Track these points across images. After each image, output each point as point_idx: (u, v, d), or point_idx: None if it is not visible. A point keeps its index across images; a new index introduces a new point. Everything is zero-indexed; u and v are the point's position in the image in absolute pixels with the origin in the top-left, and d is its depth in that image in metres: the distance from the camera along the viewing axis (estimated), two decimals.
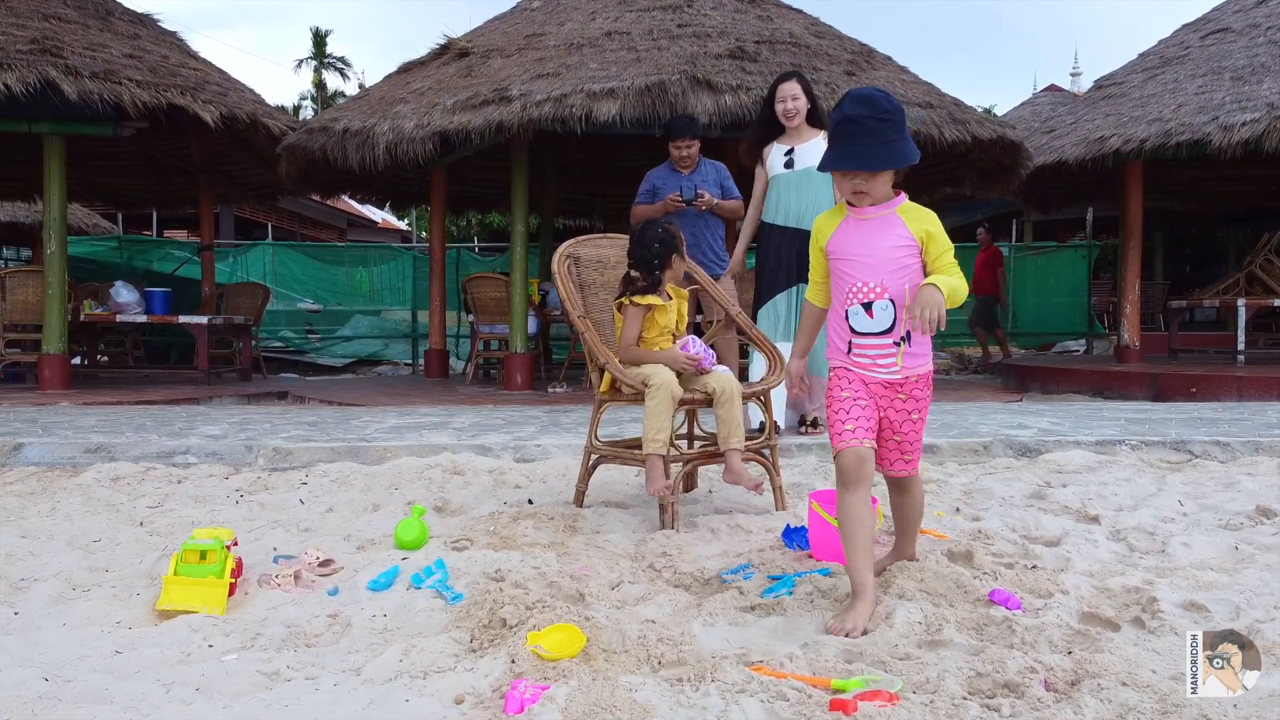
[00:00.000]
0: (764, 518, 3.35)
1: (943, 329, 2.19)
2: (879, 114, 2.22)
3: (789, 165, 4.92)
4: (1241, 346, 9.58)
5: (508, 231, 12.88)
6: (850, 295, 2.36)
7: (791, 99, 4.91)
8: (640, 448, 3.64)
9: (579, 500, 3.55)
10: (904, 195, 2.37)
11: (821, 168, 2.36)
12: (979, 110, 9.65)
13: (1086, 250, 15.34)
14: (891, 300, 2.32)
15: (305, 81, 46.98)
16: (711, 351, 3.44)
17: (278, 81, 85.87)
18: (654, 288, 3.38)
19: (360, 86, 50.27)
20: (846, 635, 2.13)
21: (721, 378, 3.29)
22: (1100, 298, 16.44)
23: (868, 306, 2.33)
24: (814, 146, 4.88)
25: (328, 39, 46.43)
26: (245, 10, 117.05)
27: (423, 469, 4.22)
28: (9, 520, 3.43)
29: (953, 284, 2.23)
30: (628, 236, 4.02)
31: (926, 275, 2.29)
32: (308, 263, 17.29)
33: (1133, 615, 2.31)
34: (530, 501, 3.64)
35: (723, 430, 3.26)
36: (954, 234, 19.06)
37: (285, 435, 4.86)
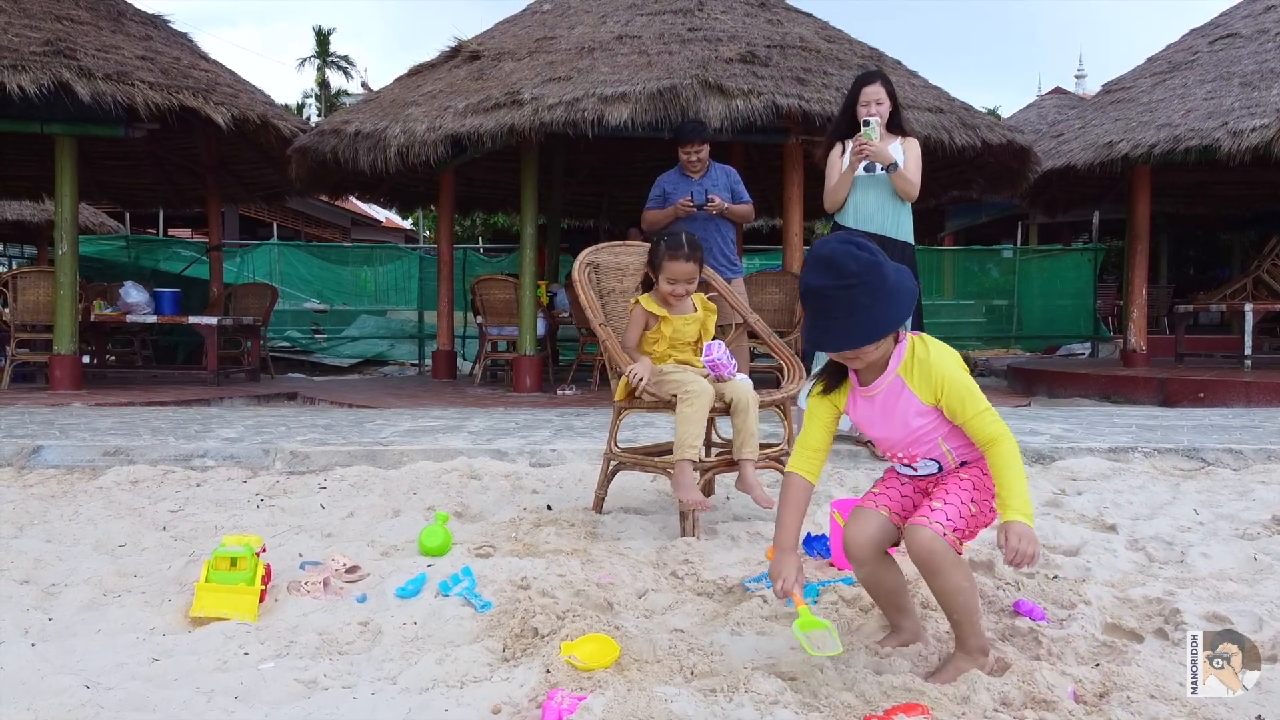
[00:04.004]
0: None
1: (1035, 560, 1.91)
2: (845, 280, 1.87)
3: (869, 169, 4.56)
4: (1248, 351, 9.59)
5: (513, 231, 12.78)
6: (888, 455, 2.16)
7: (876, 103, 4.51)
8: (659, 454, 3.69)
9: (598, 506, 3.58)
10: (904, 343, 2.02)
11: (805, 346, 2.16)
12: (984, 110, 9.67)
13: (1092, 253, 15.35)
14: (931, 458, 2.09)
15: (308, 80, 47.02)
16: (734, 359, 3.43)
17: (280, 80, 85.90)
18: (649, 288, 3.41)
19: (363, 85, 50.37)
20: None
21: (740, 388, 3.29)
22: (1105, 300, 16.45)
23: (908, 465, 2.15)
24: (895, 151, 4.58)
25: (331, 37, 46.49)
26: (248, 9, 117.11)
27: (440, 473, 4.25)
28: (33, 524, 3.46)
29: (1024, 491, 1.92)
30: (647, 244, 4.05)
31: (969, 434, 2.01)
32: (313, 262, 17.33)
33: (1156, 626, 2.33)
34: (549, 507, 3.67)
35: (737, 439, 3.28)
36: (959, 236, 19.01)
37: (301, 438, 4.89)
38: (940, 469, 2.10)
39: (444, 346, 10.46)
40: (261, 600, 2.48)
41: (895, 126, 4.63)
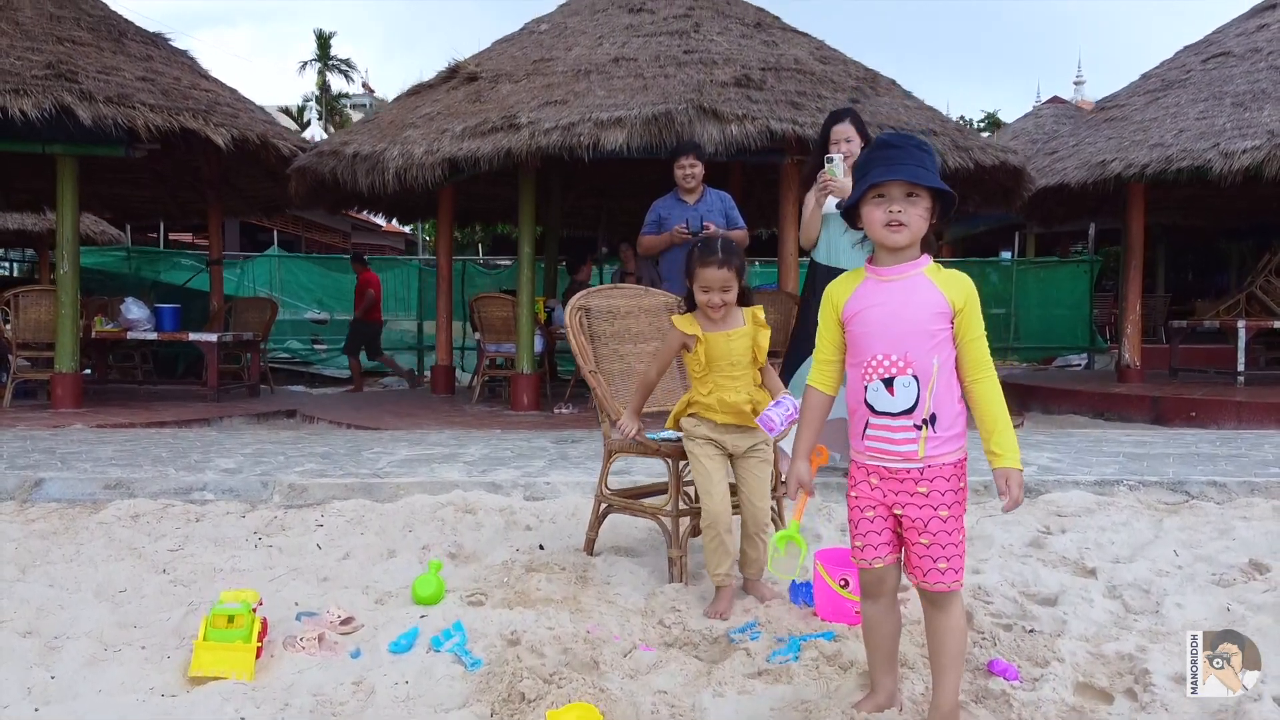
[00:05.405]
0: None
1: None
2: (919, 144, 2.12)
3: (840, 206, 4.72)
4: (1241, 368, 9.66)
5: (513, 238, 12.81)
6: (869, 369, 2.11)
7: (845, 141, 4.67)
8: (652, 494, 3.78)
9: (589, 548, 3.64)
10: (929, 256, 2.17)
11: (854, 192, 2.15)
12: (983, 114, 9.66)
13: (1089, 265, 15.42)
14: (915, 376, 2.07)
15: (309, 83, 47.14)
16: (789, 415, 2.86)
17: (280, 79, 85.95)
18: (690, 306, 3.14)
19: (364, 86, 50.51)
20: None
21: (756, 508, 3.12)
22: (1102, 309, 16.51)
23: (888, 383, 2.08)
24: None
25: (332, 41, 46.59)
26: (247, 9, 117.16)
27: (435, 508, 4.32)
28: (35, 565, 3.53)
29: (1011, 432, 2.09)
30: (637, 287, 4.12)
31: (957, 352, 2.10)
32: (313, 270, 17.43)
33: (1125, 686, 2.40)
34: (541, 547, 3.74)
35: (743, 560, 3.17)
36: (956, 245, 19.05)
37: (299, 469, 4.96)
38: (915, 403, 2.08)
39: (443, 361, 10.54)
40: (258, 656, 2.55)
41: None
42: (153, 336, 9.42)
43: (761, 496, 3.13)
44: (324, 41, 46.57)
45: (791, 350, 5.01)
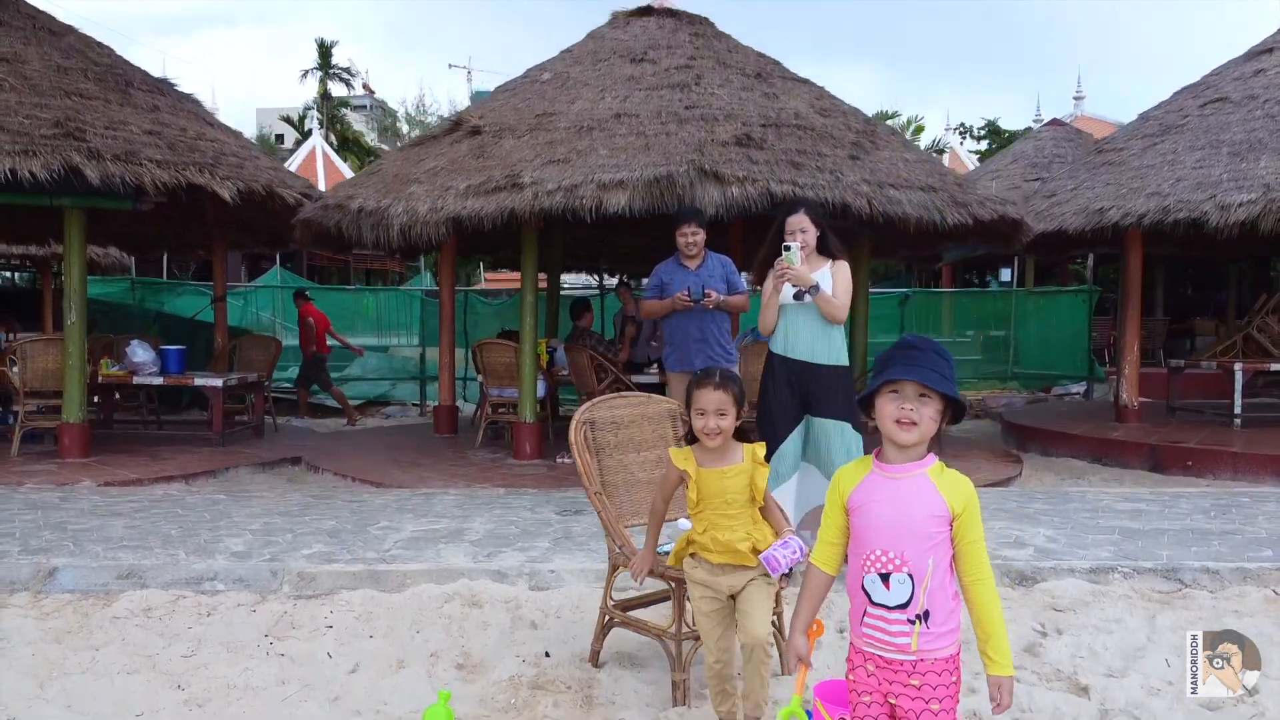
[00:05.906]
0: (772, 686, 3.51)
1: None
2: (937, 349, 2.21)
3: (799, 296, 4.79)
4: (1238, 410, 9.75)
5: (515, 259, 12.84)
6: (867, 561, 2.22)
7: (800, 231, 4.82)
8: (656, 601, 3.86)
9: (594, 659, 3.73)
10: (934, 456, 2.26)
11: (870, 385, 2.24)
12: (984, 121, 9.62)
13: (1087, 295, 15.52)
14: (910, 575, 2.17)
15: (310, 89, 47.22)
16: (794, 558, 2.92)
17: (281, 81, 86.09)
18: (690, 439, 3.16)
19: (365, 87, 50.62)
20: None
21: (754, 633, 3.02)
22: (1101, 331, 16.59)
23: (885, 577, 2.19)
24: (824, 276, 4.80)
25: (333, 50, 46.67)
26: (248, 9, 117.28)
27: (442, 601, 4.40)
28: (52, 677, 3.62)
29: (1005, 637, 2.19)
30: (640, 395, 4.20)
31: (955, 555, 2.20)
32: (315, 295, 17.51)
33: None
34: (548, 654, 3.82)
35: (745, 691, 3.13)
36: (957, 265, 19.10)
37: (307, 552, 5.04)
38: (910, 599, 2.16)
39: (445, 402, 10.62)
40: None
41: (825, 251, 4.92)
42: (158, 381, 9.49)
43: (761, 621, 3.07)
44: (325, 50, 46.68)
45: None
